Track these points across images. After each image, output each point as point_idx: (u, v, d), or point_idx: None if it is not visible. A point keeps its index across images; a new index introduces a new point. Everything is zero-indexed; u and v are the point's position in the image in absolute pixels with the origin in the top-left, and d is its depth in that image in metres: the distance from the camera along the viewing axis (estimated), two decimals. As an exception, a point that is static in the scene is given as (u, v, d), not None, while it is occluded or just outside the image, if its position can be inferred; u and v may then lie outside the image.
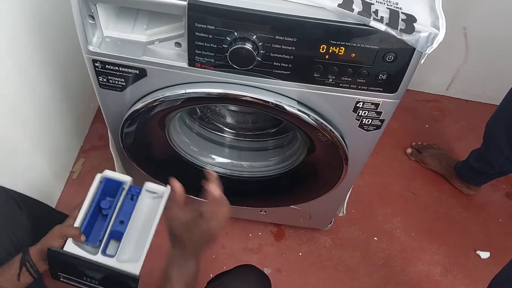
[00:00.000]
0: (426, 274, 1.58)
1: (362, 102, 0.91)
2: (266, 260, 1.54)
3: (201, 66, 0.87)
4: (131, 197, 0.96)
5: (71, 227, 0.89)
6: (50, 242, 0.87)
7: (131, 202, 0.95)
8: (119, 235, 0.91)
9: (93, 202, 0.92)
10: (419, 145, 1.88)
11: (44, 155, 1.45)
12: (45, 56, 1.36)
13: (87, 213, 0.91)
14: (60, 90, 1.49)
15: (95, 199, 0.93)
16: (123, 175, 0.96)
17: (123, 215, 0.93)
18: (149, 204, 0.96)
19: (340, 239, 1.62)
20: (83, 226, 0.90)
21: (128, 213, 0.94)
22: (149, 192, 0.97)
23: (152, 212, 0.93)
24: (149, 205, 0.96)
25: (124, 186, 0.95)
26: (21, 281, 0.86)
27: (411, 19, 0.76)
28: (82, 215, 0.91)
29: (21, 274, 0.86)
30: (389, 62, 0.82)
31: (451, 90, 2.05)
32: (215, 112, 1.32)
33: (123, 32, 0.87)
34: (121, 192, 0.95)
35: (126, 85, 0.95)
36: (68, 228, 0.89)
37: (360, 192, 1.71)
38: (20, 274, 0.86)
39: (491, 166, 1.54)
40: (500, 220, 1.72)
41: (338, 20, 0.77)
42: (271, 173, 1.30)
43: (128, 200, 0.95)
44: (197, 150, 1.30)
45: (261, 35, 0.80)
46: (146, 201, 0.96)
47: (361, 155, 1.09)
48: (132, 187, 0.96)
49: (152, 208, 0.94)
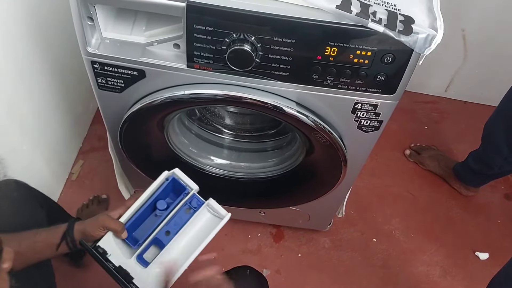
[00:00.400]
0: (425, 275, 1.58)
1: (360, 103, 0.91)
2: (266, 261, 1.54)
3: (199, 67, 0.87)
4: (187, 209, 0.91)
5: (115, 221, 0.86)
6: (92, 229, 0.86)
7: (185, 215, 0.90)
8: (161, 245, 0.88)
9: (150, 198, 0.88)
10: (417, 146, 1.88)
11: (43, 156, 1.45)
12: (44, 57, 1.36)
13: (140, 209, 0.88)
14: (59, 92, 1.49)
15: (154, 195, 0.89)
16: (191, 181, 0.92)
17: (172, 225, 0.88)
18: (204, 221, 0.91)
19: (339, 240, 1.62)
20: (131, 221, 0.87)
21: (178, 225, 0.89)
22: (209, 209, 0.92)
23: (203, 231, 0.89)
24: (204, 223, 0.91)
25: (188, 193, 0.90)
26: (58, 251, 0.88)
27: (409, 21, 0.76)
28: (133, 209, 0.87)
29: (60, 245, 0.87)
30: (387, 64, 0.82)
31: (449, 91, 2.05)
32: (214, 113, 1.32)
33: (122, 33, 0.88)
34: (182, 198, 0.90)
35: (125, 86, 0.95)
36: (112, 221, 0.86)
37: (359, 193, 1.71)
38: (60, 245, 0.87)
39: (489, 167, 1.54)
40: (499, 221, 1.72)
41: (336, 22, 0.77)
42: (270, 174, 1.30)
43: (183, 212, 0.90)
44: (196, 152, 1.30)
45: (259, 37, 0.80)
46: (202, 217, 0.91)
47: (360, 156, 1.09)
48: (195, 197, 0.91)
49: (206, 227, 0.90)
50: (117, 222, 0.86)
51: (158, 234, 0.88)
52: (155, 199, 0.89)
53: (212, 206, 0.90)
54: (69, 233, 0.87)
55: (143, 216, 0.90)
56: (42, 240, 0.89)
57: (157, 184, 0.90)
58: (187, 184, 0.91)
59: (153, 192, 0.89)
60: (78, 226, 0.88)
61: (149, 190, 0.89)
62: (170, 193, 0.92)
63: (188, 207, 0.90)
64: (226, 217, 0.89)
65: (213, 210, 0.91)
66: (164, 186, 0.90)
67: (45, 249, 0.89)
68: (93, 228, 0.86)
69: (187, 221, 0.89)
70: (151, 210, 0.91)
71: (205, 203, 0.91)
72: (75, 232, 0.87)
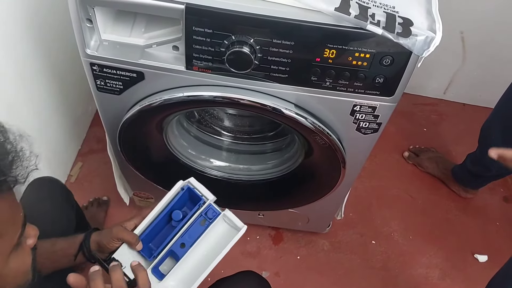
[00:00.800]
0: (424, 277, 1.58)
1: (359, 105, 0.91)
2: (265, 264, 1.54)
3: (198, 69, 0.87)
4: (203, 220, 0.87)
5: (129, 233, 0.84)
6: (107, 240, 0.85)
7: (200, 227, 0.87)
8: (176, 257, 0.85)
9: (165, 209, 0.86)
10: (416, 148, 1.88)
11: (41, 158, 1.45)
12: (43, 59, 1.36)
13: (155, 219, 0.86)
14: (57, 94, 1.49)
15: (169, 206, 0.86)
16: (207, 190, 0.89)
17: (187, 238, 0.86)
18: (220, 233, 0.88)
19: (338, 242, 1.62)
20: (146, 232, 0.84)
21: (193, 237, 0.86)
22: (225, 220, 0.89)
23: (219, 243, 0.86)
24: (220, 234, 0.88)
25: (204, 203, 0.88)
26: (76, 261, 0.88)
27: (408, 23, 0.76)
28: (148, 219, 0.85)
29: (77, 255, 0.88)
30: (386, 66, 0.82)
31: (448, 93, 2.05)
32: (213, 115, 1.32)
33: (121, 35, 0.88)
34: (197, 209, 0.87)
35: (124, 88, 0.95)
36: (126, 232, 0.84)
37: (358, 195, 1.71)
38: (77, 255, 0.88)
39: (487, 169, 1.54)
40: (498, 223, 1.73)
41: (335, 24, 0.77)
42: (269, 177, 1.30)
43: (198, 223, 0.87)
44: (195, 154, 1.30)
45: (258, 39, 0.80)
46: (218, 229, 0.88)
47: (359, 158, 1.09)
48: (211, 208, 0.87)
49: (221, 239, 0.87)
50: (131, 234, 0.85)
51: (173, 246, 0.85)
52: (171, 209, 0.87)
53: (228, 217, 0.88)
54: (85, 244, 0.87)
55: (159, 226, 0.88)
56: (60, 249, 0.89)
57: (172, 194, 0.88)
58: (202, 194, 0.88)
59: (169, 202, 0.87)
60: (94, 237, 0.88)
61: (164, 200, 0.87)
62: (186, 203, 0.90)
63: (204, 218, 0.87)
64: (242, 229, 0.86)
65: (229, 221, 0.88)
66: (180, 196, 0.87)
67: (63, 258, 0.89)
68: (108, 240, 0.85)
69: (202, 233, 0.86)
70: (166, 220, 0.88)
71: (221, 214, 0.88)
72: (91, 243, 0.87)
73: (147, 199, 1.48)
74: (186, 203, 0.90)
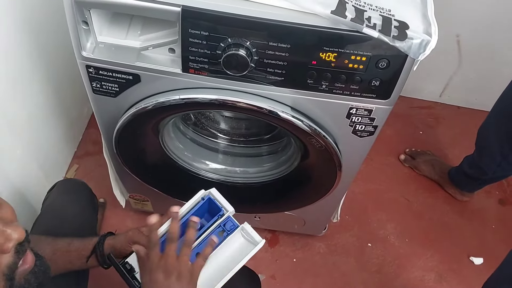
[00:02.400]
0: (420, 280, 1.58)
1: (355, 108, 0.91)
2: (261, 267, 1.54)
3: (195, 72, 0.87)
4: (221, 232, 0.87)
5: (145, 237, 0.83)
6: (122, 244, 0.86)
7: (218, 238, 0.85)
8: None
9: (184, 217, 0.84)
10: (412, 151, 1.88)
11: (37, 160, 1.45)
12: (39, 61, 1.35)
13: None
14: (53, 96, 1.49)
15: (188, 214, 0.85)
16: (227, 202, 0.88)
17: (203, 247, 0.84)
18: (236, 245, 0.88)
19: (334, 245, 1.62)
20: (161, 240, 0.82)
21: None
22: (243, 233, 0.88)
23: (235, 256, 0.85)
24: (236, 247, 0.87)
25: (223, 215, 0.87)
26: (88, 263, 0.89)
27: (404, 26, 0.76)
28: (165, 227, 0.83)
29: (90, 257, 0.88)
30: (382, 69, 0.82)
31: (444, 97, 2.06)
32: (209, 118, 1.32)
33: (116, 37, 0.87)
34: (216, 220, 0.86)
35: (120, 90, 0.95)
36: (142, 237, 0.84)
37: (354, 198, 1.71)
38: (90, 257, 0.88)
39: (483, 172, 1.55)
40: (494, 226, 1.73)
41: (331, 27, 0.77)
42: (265, 179, 1.30)
43: (216, 234, 0.86)
44: (191, 156, 1.30)
45: (254, 41, 0.80)
46: (235, 241, 0.88)
47: (355, 161, 1.09)
48: (229, 220, 0.87)
49: (238, 251, 0.86)
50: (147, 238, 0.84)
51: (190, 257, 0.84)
52: (188, 219, 0.86)
53: (246, 230, 0.87)
54: (99, 247, 0.88)
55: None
56: (75, 249, 0.90)
57: (193, 203, 0.87)
58: (223, 206, 0.88)
59: (188, 211, 0.86)
60: (109, 240, 0.88)
61: (184, 208, 0.86)
62: (205, 213, 0.89)
63: (222, 229, 0.87)
64: (260, 243, 0.86)
65: (247, 235, 0.88)
66: (200, 205, 0.87)
67: (76, 260, 0.89)
68: (123, 243, 0.85)
69: (219, 244, 0.85)
70: (184, 229, 0.87)
71: (240, 227, 0.87)
72: (106, 246, 0.87)
73: (143, 201, 1.47)
74: (204, 213, 0.89)
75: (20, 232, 0.57)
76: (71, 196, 1.15)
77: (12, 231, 0.56)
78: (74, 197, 1.15)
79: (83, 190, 1.19)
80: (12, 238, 0.56)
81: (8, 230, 0.56)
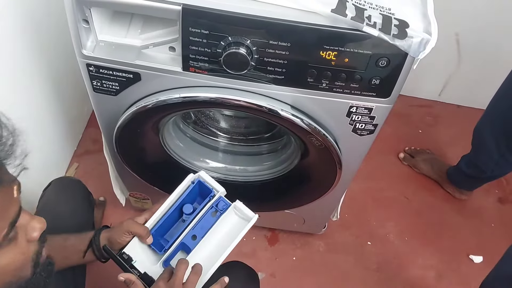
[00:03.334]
0: (420, 278, 1.58)
1: (355, 106, 0.92)
2: (260, 265, 1.54)
3: (195, 70, 0.87)
4: (214, 212, 0.89)
5: (140, 226, 0.86)
6: (118, 235, 0.86)
7: (212, 218, 0.88)
8: (188, 250, 0.86)
9: (176, 202, 0.87)
10: (412, 150, 1.89)
11: (37, 159, 1.45)
12: (39, 60, 1.35)
13: (166, 213, 0.86)
14: (53, 94, 1.49)
15: (180, 199, 0.87)
16: (217, 183, 0.90)
17: (198, 229, 0.87)
18: (231, 224, 0.89)
19: (333, 243, 1.63)
20: (156, 227, 0.85)
21: (204, 229, 0.87)
22: (236, 211, 0.90)
23: (230, 234, 0.87)
24: (231, 225, 0.89)
25: (214, 195, 0.89)
26: (86, 258, 0.89)
27: (404, 25, 0.77)
28: (159, 213, 0.85)
29: (87, 252, 0.88)
30: (382, 67, 0.82)
31: (443, 95, 2.06)
32: (209, 117, 1.32)
33: (117, 36, 0.88)
34: (208, 201, 0.88)
35: (120, 89, 0.95)
36: (137, 226, 0.86)
37: (353, 196, 1.71)
38: (86, 252, 0.88)
39: (481, 171, 1.55)
40: (493, 224, 1.73)
41: (332, 25, 0.77)
42: (265, 178, 1.30)
43: (210, 215, 0.88)
44: (191, 155, 1.30)
45: (255, 40, 0.80)
46: (229, 219, 0.89)
47: (355, 160, 1.09)
48: (221, 200, 0.89)
49: (233, 229, 0.88)
50: (142, 227, 0.86)
51: (185, 239, 0.86)
52: (181, 203, 0.88)
53: (239, 208, 0.89)
54: (95, 241, 0.88)
55: (170, 220, 0.88)
56: (71, 245, 0.90)
57: (183, 188, 0.88)
58: (213, 187, 0.89)
59: (179, 196, 0.88)
60: (104, 233, 0.89)
61: (175, 194, 0.87)
62: (197, 197, 0.91)
63: (215, 210, 0.89)
64: (253, 218, 0.88)
65: (240, 212, 0.89)
66: (190, 189, 0.88)
67: (73, 255, 0.90)
68: (118, 234, 0.86)
69: (214, 224, 0.87)
70: (177, 214, 0.89)
71: (232, 205, 0.89)
72: (102, 239, 0.88)
73: (143, 199, 1.47)
74: (196, 197, 0.90)
75: (43, 221, 0.63)
76: (67, 194, 1.15)
77: (37, 221, 0.62)
78: (70, 195, 1.15)
79: (78, 188, 1.20)
80: (37, 227, 0.62)
81: (34, 220, 0.62)
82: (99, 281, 1.24)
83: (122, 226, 0.86)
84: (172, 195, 0.88)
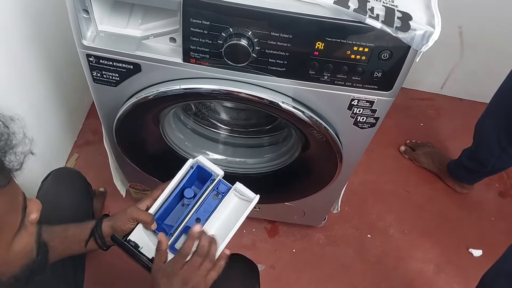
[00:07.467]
0: (419, 271, 1.58)
1: (357, 99, 0.91)
2: (260, 257, 1.54)
3: (196, 62, 0.86)
4: (215, 195, 0.90)
5: (144, 213, 0.86)
6: (122, 222, 0.86)
7: (213, 201, 0.89)
8: None
9: (177, 188, 0.88)
10: (413, 143, 1.88)
11: (37, 149, 1.44)
12: (38, 50, 1.35)
13: (167, 199, 0.87)
14: (53, 85, 1.48)
15: (180, 185, 0.88)
16: (216, 166, 0.91)
17: (202, 212, 0.88)
18: (233, 205, 0.91)
19: (333, 236, 1.63)
20: (159, 212, 0.86)
21: (207, 211, 0.88)
22: (236, 193, 0.91)
23: (233, 215, 0.88)
24: (233, 207, 0.90)
25: (214, 179, 0.90)
26: (87, 248, 0.89)
27: (407, 17, 0.76)
28: (161, 199, 0.86)
29: (89, 241, 0.89)
30: (384, 60, 0.82)
31: (445, 88, 2.05)
32: (210, 108, 1.32)
33: (117, 26, 0.87)
34: (208, 185, 0.89)
35: (120, 80, 0.94)
36: (141, 213, 0.86)
37: (354, 189, 1.71)
38: (88, 241, 0.89)
39: (482, 165, 1.55)
40: (493, 218, 1.73)
41: (334, 17, 0.77)
42: (265, 170, 1.30)
43: (211, 198, 0.90)
44: (192, 146, 1.30)
45: (256, 31, 0.80)
46: (231, 201, 0.91)
47: (356, 153, 1.09)
48: (221, 183, 0.91)
49: (235, 211, 0.89)
50: (146, 213, 0.86)
51: (189, 222, 0.87)
52: (182, 188, 0.88)
53: (240, 189, 0.90)
54: (97, 230, 0.88)
55: (171, 206, 0.89)
56: (72, 234, 0.90)
57: (183, 173, 0.89)
58: (212, 171, 0.90)
59: (179, 181, 0.88)
60: (106, 221, 0.89)
61: (175, 180, 0.88)
62: (196, 181, 0.91)
63: (216, 193, 0.90)
64: (255, 199, 0.88)
65: (241, 193, 0.90)
66: (190, 174, 0.89)
67: (74, 244, 0.90)
68: (123, 221, 0.86)
69: (216, 206, 0.88)
70: (178, 199, 0.90)
71: (232, 187, 0.90)
72: (104, 228, 0.88)
73: (143, 191, 1.47)
74: (195, 181, 0.91)
75: (38, 202, 0.65)
76: (66, 185, 1.15)
77: (33, 202, 0.64)
78: (69, 185, 1.16)
79: (77, 178, 1.20)
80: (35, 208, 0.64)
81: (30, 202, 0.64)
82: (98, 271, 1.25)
83: (126, 214, 0.86)
84: (173, 181, 0.88)
